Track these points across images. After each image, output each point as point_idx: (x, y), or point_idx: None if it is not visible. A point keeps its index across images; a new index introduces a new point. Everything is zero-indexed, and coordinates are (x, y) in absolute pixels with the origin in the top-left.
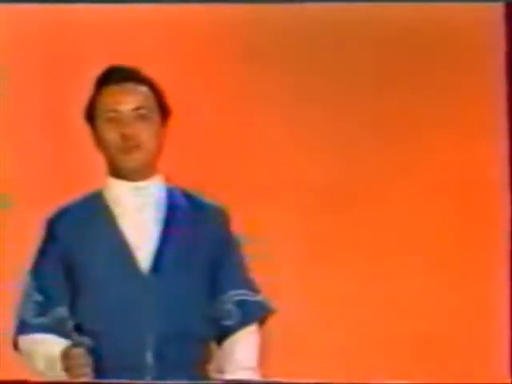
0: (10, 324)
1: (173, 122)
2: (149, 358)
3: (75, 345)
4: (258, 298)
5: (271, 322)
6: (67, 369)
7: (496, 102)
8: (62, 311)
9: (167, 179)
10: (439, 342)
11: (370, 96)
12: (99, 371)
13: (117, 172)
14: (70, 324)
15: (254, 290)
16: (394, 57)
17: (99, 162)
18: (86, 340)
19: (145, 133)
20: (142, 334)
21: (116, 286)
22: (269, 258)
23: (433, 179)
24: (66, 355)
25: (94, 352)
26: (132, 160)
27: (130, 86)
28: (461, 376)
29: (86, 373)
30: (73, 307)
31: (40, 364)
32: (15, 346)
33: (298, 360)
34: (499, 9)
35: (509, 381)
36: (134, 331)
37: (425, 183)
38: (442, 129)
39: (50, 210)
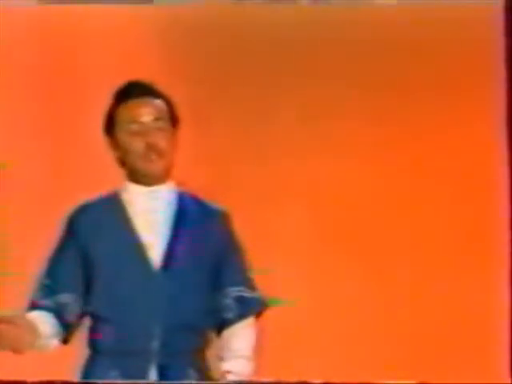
0: None
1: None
2: (155, 345)
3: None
4: (255, 294)
5: (271, 318)
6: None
7: (496, 100)
8: (68, 297)
9: (177, 184)
10: (439, 341)
11: (371, 93)
12: (110, 354)
13: (137, 177)
14: (74, 310)
15: (252, 287)
16: (394, 55)
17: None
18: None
19: (164, 142)
20: (151, 325)
21: (129, 281)
22: (272, 258)
23: (434, 179)
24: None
25: (107, 337)
26: (156, 167)
27: (148, 99)
28: (461, 376)
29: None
30: (87, 296)
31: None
32: None
33: (295, 356)
34: (499, 7)
35: (509, 381)
36: (144, 322)
37: (426, 182)
38: (441, 128)
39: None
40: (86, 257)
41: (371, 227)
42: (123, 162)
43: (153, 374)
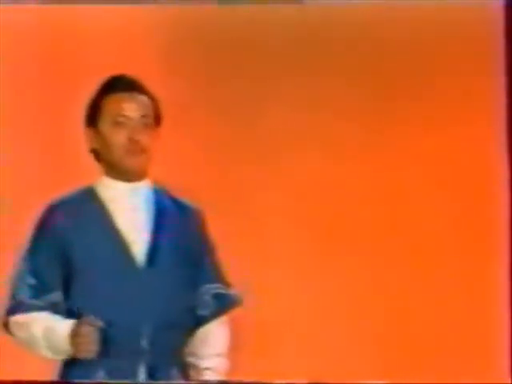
0: None
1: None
2: (144, 344)
3: (84, 322)
4: (231, 291)
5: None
6: (76, 345)
7: (496, 100)
8: (56, 296)
9: (152, 181)
10: (439, 341)
11: (370, 93)
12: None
13: (116, 173)
14: (63, 309)
15: (227, 284)
16: (394, 55)
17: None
18: (95, 320)
19: (148, 138)
20: (139, 324)
21: (114, 279)
22: (262, 257)
23: (433, 178)
24: (75, 332)
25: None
26: (137, 163)
27: (135, 94)
28: (461, 376)
29: (93, 350)
30: (67, 294)
31: (38, 332)
32: (5, 326)
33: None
34: (499, 7)
35: (509, 381)
36: (132, 320)
37: (425, 181)
38: (441, 128)
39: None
40: (66, 254)
41: (368, 226)
42: (100, 156)
43: (142, 374)
